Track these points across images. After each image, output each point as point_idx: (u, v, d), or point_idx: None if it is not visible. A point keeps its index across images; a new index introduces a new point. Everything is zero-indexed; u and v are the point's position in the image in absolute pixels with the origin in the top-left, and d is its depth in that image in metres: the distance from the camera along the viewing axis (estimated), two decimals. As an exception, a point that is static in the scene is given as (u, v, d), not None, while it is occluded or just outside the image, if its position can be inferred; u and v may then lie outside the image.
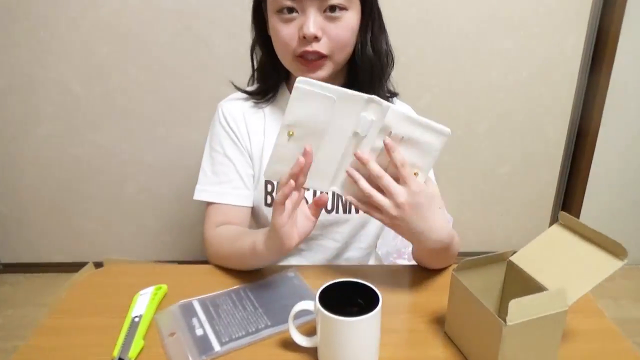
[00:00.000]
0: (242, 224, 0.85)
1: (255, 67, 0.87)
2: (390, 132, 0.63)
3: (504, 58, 1.60)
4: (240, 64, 1.51)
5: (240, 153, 0.86)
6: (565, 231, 0.68)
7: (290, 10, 0.73)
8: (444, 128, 0.64)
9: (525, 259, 0.67)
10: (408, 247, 1.43)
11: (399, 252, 1.48)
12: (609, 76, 1.60)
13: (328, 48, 0.74)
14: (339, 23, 0.73)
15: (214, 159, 0.86)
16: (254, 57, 0.86)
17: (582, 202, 1.78)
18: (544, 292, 0.58)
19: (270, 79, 0.85)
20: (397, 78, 0.86)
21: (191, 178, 1.80)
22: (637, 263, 1.63)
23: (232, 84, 0.89)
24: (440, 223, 0.66)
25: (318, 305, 0.57)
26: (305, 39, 0.73)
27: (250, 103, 0.87)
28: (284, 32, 0.74)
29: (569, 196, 1.81)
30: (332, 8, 0.72)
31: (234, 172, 0.85)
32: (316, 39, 0.73)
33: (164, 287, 0.75)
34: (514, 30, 1.57)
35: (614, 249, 0.60)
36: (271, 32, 0.77)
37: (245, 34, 0.81)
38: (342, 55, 0.77)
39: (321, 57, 0.75)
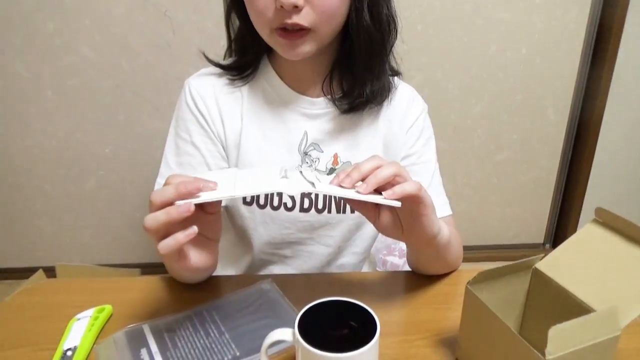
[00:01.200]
0: None
1: (232, 37, 0.74)
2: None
3: (502, 33, 1.52)
4: (209, 40, 1.38)
5: (211, 141, 0.73)
6: (604, 230, 0.58)
7: None
8: None
9: (555, 267, 0.57)
10: (399, 243, 1.36)
11: (389, 248, 1.43)
12: (616, 52, 1.52)
13: (311, 20, 0.61)
14: None
15: (179, 148, 0.73)
16: (231, 25, 0.73)
17: (585, 190, 1.72)
18: (591, 314, 0.47)
19: (249, 52, 0.72)
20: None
21: (157, 171, 1.67)
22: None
23: (204, 54, 0.75)
24: None
25: (297, 335, 0.46)
26: (283, 9, 0.59)
27: (224, 80, 0.74)
28: (258, 1, 0.61)
29: (571, 184, 1.76)
30: None
31: (202, 164, 0.72)
32: (296, 8, 0.59)
33: (108, 307, 0.64)
34: (513, 3, 1.48)
35: (670, 252, 0.49)
36: (245, 0, 0.64)
37: (211, 6, 0.68)
38: (330, 27, 0.64)
39: (304, 28, 0.62)
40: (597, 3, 1.50)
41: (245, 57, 0.73)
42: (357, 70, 0.69)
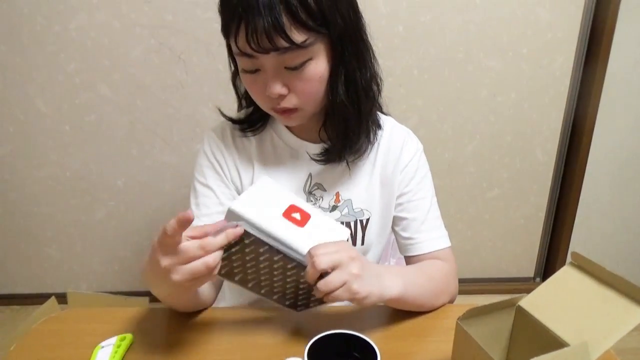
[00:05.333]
0: None
1: (241, 94, 0.82)
2: None
3: (492, 79, 1.59)
4: (220, 83, 1.48)
5: (224, 185, 0.80)
6: (579, 273, 0.62)
7: (254, 70, 0.67)
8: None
9: (536, 305, 0.61)
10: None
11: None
12: (599, 98, 1.59)
13: (296, 103, 0.69)
14: (303, 76, 0.67)
15: (196, 191, 0.81)
16: (237, 84, 0.80)
17: (572, 227, 1.76)
18: (565, 348, 0.52)
19: (260, 108, 0.78)
20: (383, 99, 0.81)
21: (166, 203, 1.72)
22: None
23: (219, 110, 0.82)
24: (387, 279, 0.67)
25: (307, 365, 0.51)
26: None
27: (238, 131, 0.82)
28: (253, 90, 0.70)
29: (559, 221, 1.80)
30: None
31: (216, 204, 0.79)
32: (282, 96, 0.68)
33: (129, 336, 0.68)
34: (503, 52, 1.56)
35: (636, 295, 0.55)
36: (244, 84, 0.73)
37: (223, 50, 0.76)
38: (314, 105, 0.72)
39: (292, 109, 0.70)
40: (581, 53, 1.58)
41: (257, 112, 0.80)
42: (338, 132, 0.75)
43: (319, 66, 0.67)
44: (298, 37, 0.62)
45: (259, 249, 0.59)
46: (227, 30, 0.66)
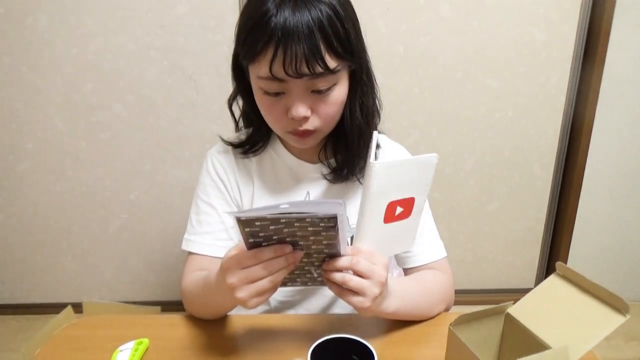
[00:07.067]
0: None
1: (237, 116, 0.86)
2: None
3: (490, 97, 1.63)
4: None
5: (226, 203, 0.85)
6: (564, 282, 0.66)
7: (277, 93, 0.70)
8: (429, 157, 0.65)
9: (523, 312, 0.66)
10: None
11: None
12: (593, 114, 1.63)
13: (317, 125, 0.73)
14: (328, 99, 0.71)
15: (199, 208, 0.85)
16: (236, 104, 0.84)
17: (571, 238, 1.78)
18: (547, 350, 0.56)
19: (259, 127, 0.83)
20: (385, 116, 0.86)
21: (176, 216, 1.77)
22: (628, 302, 1.62)
23: (220, 138, 0.87)
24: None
25: (310, 367, 0.55)
26: (294, 119, 0.71)
27: (239, 152, 0.86)
28: (272, 112, 0.72)
29: (558, 234, 1.82)
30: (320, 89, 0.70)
31: (217, 222, 0.83)
32: (305, 118, 0.71)
33: (146, 341, 0.72)
34: (500, 71, 1.60)
35: (615, 303, 0.59)
36: (258, 105, 0.75)
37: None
38: (331, 126, 0.76)
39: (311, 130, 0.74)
40: (576, 70, 1.62)
41: (258, 134, 0.83)
42: (347, 150, 0.79)
43: (342, 91, 0.71)
44: (332, 63, 0.66)
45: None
46: (256, 55, 0.65)
